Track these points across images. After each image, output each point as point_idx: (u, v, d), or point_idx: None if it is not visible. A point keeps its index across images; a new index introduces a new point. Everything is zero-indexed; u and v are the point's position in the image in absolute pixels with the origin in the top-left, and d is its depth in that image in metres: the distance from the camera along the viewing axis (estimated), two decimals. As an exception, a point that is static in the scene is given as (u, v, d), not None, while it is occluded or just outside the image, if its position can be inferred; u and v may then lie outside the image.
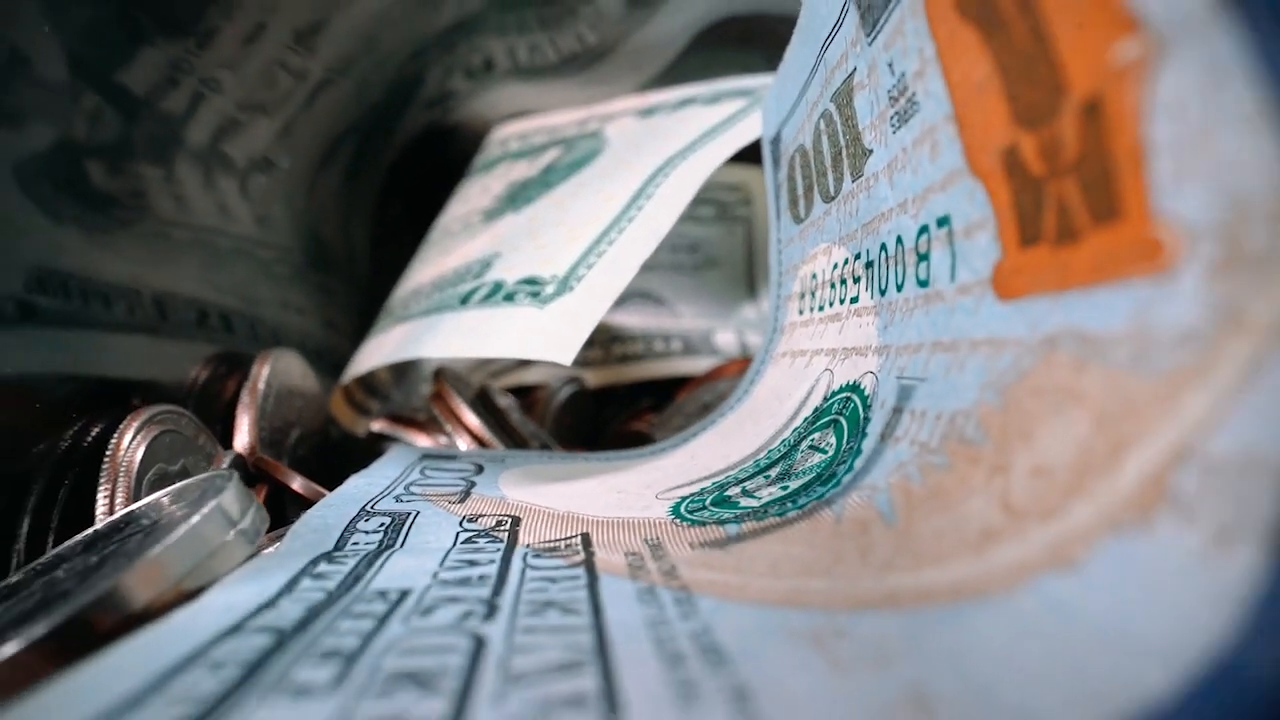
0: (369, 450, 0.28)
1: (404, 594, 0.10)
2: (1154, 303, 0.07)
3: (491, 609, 0.10)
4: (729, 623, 0.09)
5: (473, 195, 0.35)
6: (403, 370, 0.36)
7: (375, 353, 0.27)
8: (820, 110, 0.17)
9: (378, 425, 0.27)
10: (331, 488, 0.17)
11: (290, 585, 0.11)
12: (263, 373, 0.24)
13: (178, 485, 0.15)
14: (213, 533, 0.12)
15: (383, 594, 0.10)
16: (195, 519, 0.12)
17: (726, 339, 0.36)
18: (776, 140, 0.22)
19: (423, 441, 0.26)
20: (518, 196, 0.30)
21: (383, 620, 0.09)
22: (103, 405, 0.22)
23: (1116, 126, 0.08)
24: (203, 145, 0.30)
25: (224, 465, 0.19)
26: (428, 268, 0.30)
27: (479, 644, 0.08)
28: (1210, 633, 0.06)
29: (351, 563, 0.12)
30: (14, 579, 0.14)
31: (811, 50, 0.17)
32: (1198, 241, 0.07)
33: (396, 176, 0.44)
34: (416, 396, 0.36)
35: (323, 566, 0.12)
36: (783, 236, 0.22)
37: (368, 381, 0.32)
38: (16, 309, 0.22)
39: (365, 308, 0.42)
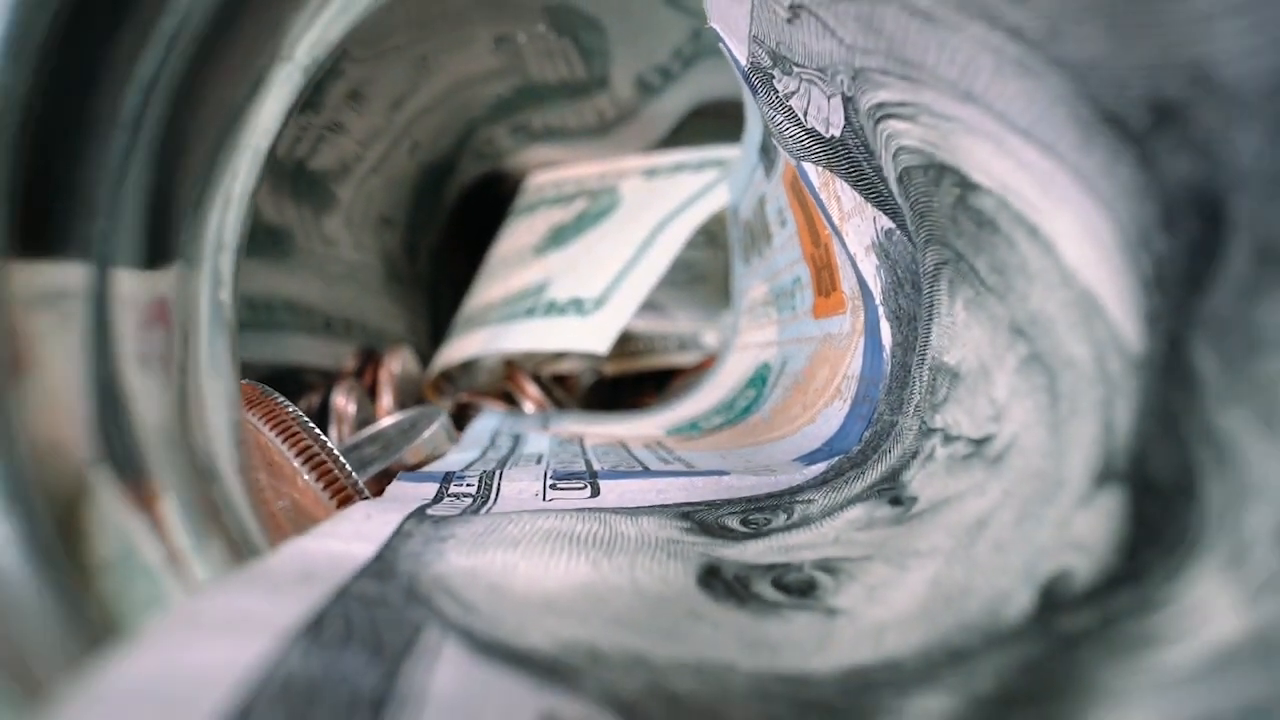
0: (457, 417, 0.41)
1: (541, 453, 0.23)
2: (843, 323, 0.20)
3: (584, 455, 0.23)
4: (686, 453, 0.22)
5: (521, 232, 0.48)
6: (467, 364, 0.49)
7: (463, 348, 0.40)
8: (752, 204, 0.30)
9: (464, 397, 0.40)
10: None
11: (484, 453, 0.24)
12: (394, 361, 0.37)
13: (396, 418, 0.28)
14: (440, 433, 0.25)
15: (531, 452, 0.23)
16: (435, 425, 0.25)
17: (711, 338, 0.49)
18: (735, 209, 0.35)
19: (498, 408, 0.39)
20: (558, 238, 0.43)
21: (540, 457, 0.22)
22: (288, 384, 0.34)
23: (832, 254, 0.21)
24: (327, 189, 0.44)
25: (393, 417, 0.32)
26: (494, 288, 0.43)
27: (588, 460, 0.21)
28: (831, 429, 0.19)
29: (505, 448, 0.25)
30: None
31: (749, 166, 0.30)
32: (850, 300, 0.20)
33: (454, 212, 0.57)
34: (476, 382, 0.48)
35: (491, 448, 0.25)
36: (739, 272, 0.35)
37: (445, 371, 0.45)
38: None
39: (433, 316, 0.55)
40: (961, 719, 0.08)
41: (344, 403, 0.31)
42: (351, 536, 0.11)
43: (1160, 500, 0.08)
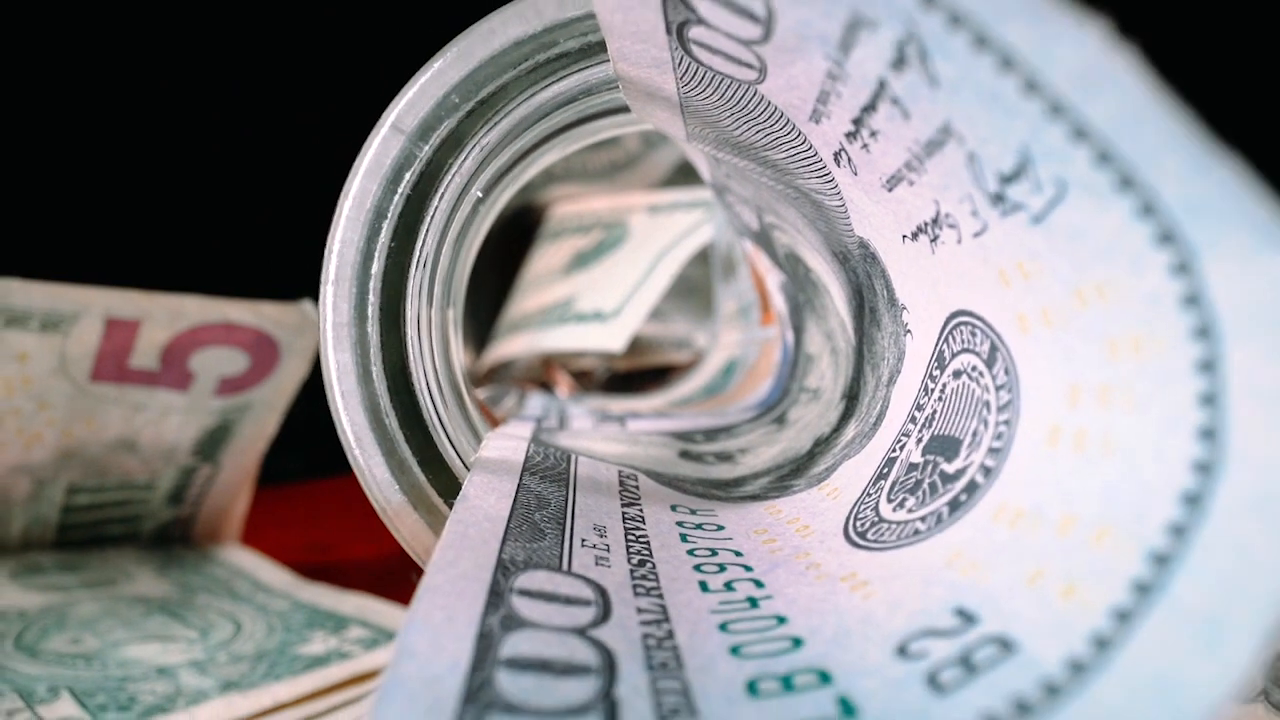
0: (504, 400, 0.54)
1: (582, 414, 0.37)
2: (774, 330, 0.34)
3: (612, 414, 0.36)
4: (676, 412, 0.35)
5: (549, 255, 0.61)
6: (507, 363, 0.62)
7: (509, 348, 0.53)
8: (726, 243, 0.44)
9: (509, 385, 0.53)
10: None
11: (545, 414, 0.37)
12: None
13: (482, 394, 0.41)
14: (514, 402, 0.38)
15: (575, 413, 0.37)
16: (510, 398, 0.38)
17: (701, 339, 0.62)
18: (716, 245, 0.49)
19: (537, 392, 0.52)
20: (581, 261, 0.56)
21: (583, 415, 0.36)
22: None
23: (767, 290, 0.34)
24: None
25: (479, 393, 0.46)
26: (529, 300, 0.57)
27: (614, 415, 0.35)
28: (764, 395, 0.32)
29: (555, 414, 0.39)
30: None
31: (724, 218, 0.44)
32: (779, 317, 0.33)
33: (492, 235, 0.70)
34: (513, 374, 0.62)
35: (547, 414, 0.38)
36: (719, 291, 0.49)
37: (491, 368, 0.58)
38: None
39: (472, 323, 0.68)
40: (772, 482, 0.21)
41: (434, 386, 0.44)
42: (516, 430, 0.24)
43: (853, 402, 0.22)
